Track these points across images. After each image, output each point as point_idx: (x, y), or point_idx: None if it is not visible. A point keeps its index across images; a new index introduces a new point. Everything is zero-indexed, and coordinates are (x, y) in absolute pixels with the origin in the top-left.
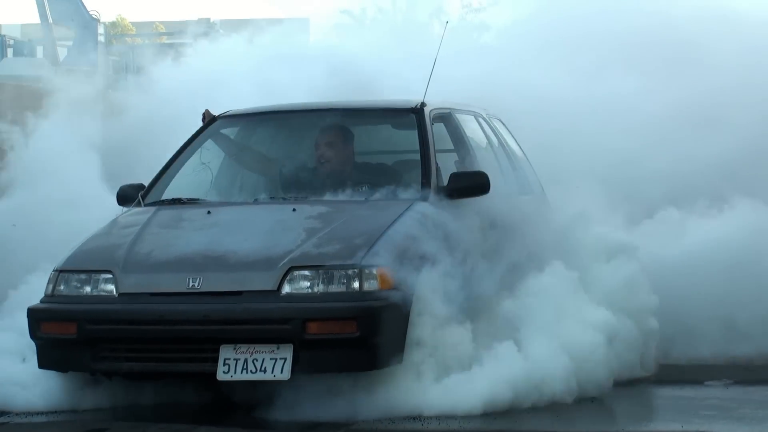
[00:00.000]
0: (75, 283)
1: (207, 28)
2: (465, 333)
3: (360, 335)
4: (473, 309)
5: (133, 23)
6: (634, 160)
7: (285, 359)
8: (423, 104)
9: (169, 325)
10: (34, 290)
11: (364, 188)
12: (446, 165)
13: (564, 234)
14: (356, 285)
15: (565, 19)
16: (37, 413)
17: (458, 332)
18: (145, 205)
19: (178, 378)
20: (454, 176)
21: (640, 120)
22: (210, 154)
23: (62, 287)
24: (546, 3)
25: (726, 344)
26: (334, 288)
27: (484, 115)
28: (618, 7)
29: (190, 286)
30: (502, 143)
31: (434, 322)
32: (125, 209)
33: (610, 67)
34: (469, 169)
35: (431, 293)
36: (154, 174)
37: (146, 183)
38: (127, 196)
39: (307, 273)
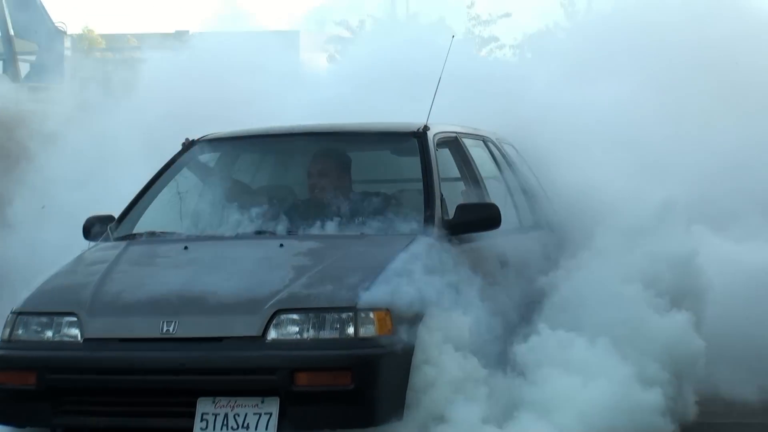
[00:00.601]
0: (35, 327)
1: (185, 41)
2: (474, 385)
3: (355, 387)
4: (483, 356)
5: (102, 36)
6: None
7: (270, 414)
8: (426, 127)
9: (140, 374)
10: None
11: (360, 221)
12: (452, 195)
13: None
14: (351, 330)
15: (595, 30)
16: None
17: (466, 385)
18: (115, 240)
19: None
20: (460, 208)
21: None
22: (187, 182)
23: (20, 331)
24: (567, 13)
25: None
26: (326, 334)
27: (494, 140)
28: (643, 20)
29: (165, 330)
30: (514, 171)
31: (439, 372)
32: (92, 244)
33: (635, 83)
34: (478, 200)
35: (435, 339)
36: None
37: (116, 214)
38: (95, 228)
39: (295, 317)
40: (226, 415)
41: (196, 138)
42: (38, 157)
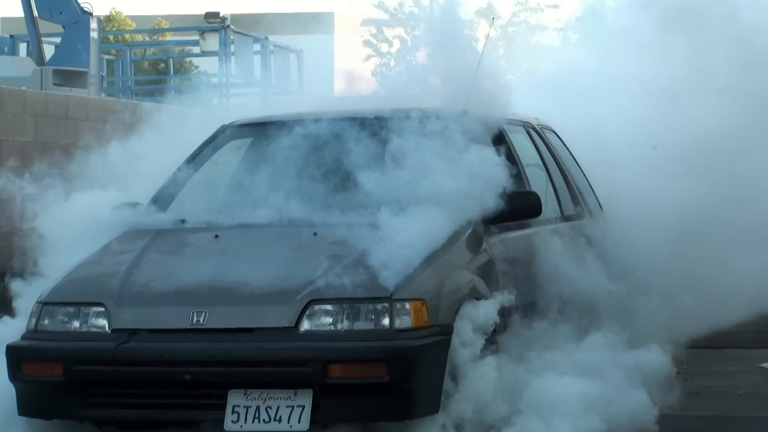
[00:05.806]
0: (61, 318)
1: (218, 23)
2: (512, 380)
3: (391, 380)
4: (522, 350)
5: (130, 17)
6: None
7: (303, 407)
8: (465, 113)
9: (169, 366)
10: None
11: (398, 209)
12: None
13: None
14: (386, 321)
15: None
16: None
17: (505, 379)
18: (144, 228)
19: (179, 427)
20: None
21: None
22: (219, 169)
23: (47, 322)
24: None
25: None
26: (361, 325)
27: (535, 126)
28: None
29: (195, 321)
30: (555, 158)
31: (476, 366)
32: (120, 232)
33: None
34: (518, 188)
35: (473, 332)
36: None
37: (144, 201)
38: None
39: (329, 307)
40: (257, 408)
41: (227, 123)
42: None
